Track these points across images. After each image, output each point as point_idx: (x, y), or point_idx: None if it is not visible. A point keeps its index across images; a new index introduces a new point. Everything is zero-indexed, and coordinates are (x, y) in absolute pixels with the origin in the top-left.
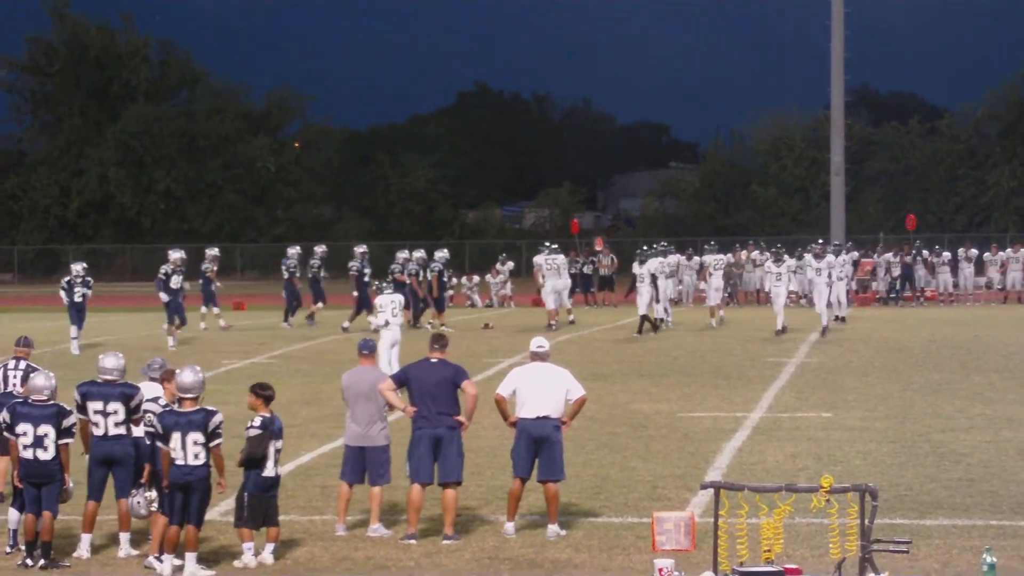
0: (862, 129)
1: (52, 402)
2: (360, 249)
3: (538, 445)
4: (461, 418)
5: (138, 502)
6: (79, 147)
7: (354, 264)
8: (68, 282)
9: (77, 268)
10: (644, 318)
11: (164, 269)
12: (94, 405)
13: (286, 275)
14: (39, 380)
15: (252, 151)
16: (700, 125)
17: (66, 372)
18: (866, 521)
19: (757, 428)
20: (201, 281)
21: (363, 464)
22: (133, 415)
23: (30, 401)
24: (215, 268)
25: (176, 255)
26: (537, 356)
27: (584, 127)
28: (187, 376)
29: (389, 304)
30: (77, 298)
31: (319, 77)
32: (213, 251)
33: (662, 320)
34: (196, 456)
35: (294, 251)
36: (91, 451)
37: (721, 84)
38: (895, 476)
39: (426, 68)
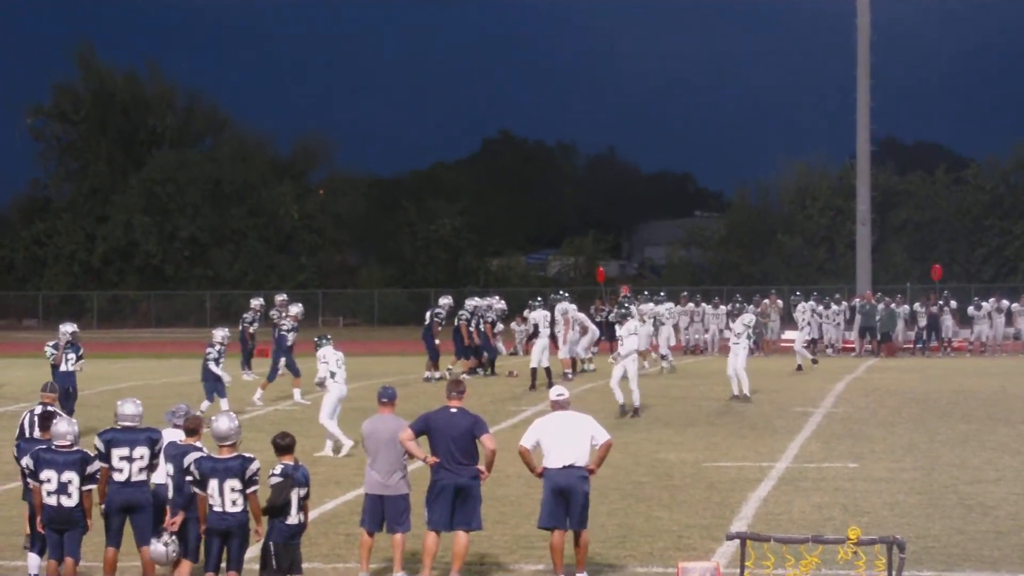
0: (888, 179)
1: (76, 448)
2: (280, 297)
3: (566, 495)
4: (481, 468)
5: (165, 543)
6: (104, 194)
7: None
8: (55, 346)
9: (67, 329)
10: (534, 371)
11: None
12: (120, 451)
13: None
14: (62, 426)
15: (276, 198)
16: (725, 174)
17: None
18: (894, 573)
19: (783, 478)
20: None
21: (382, 512)
22: (154, 460)
23: (53, 447)
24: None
25: (256, 302)
26: (558, 404)
27: (609, 176)
28: (223, 423)
29: (332, 357)
30: (71, 366)
31: (344, 124)
32: (282, 297)
33: (582, 369)
34: (234, 503)
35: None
36: (110, 497)
37: (746, 133)
38: (922, 528)
39: (451, 116)
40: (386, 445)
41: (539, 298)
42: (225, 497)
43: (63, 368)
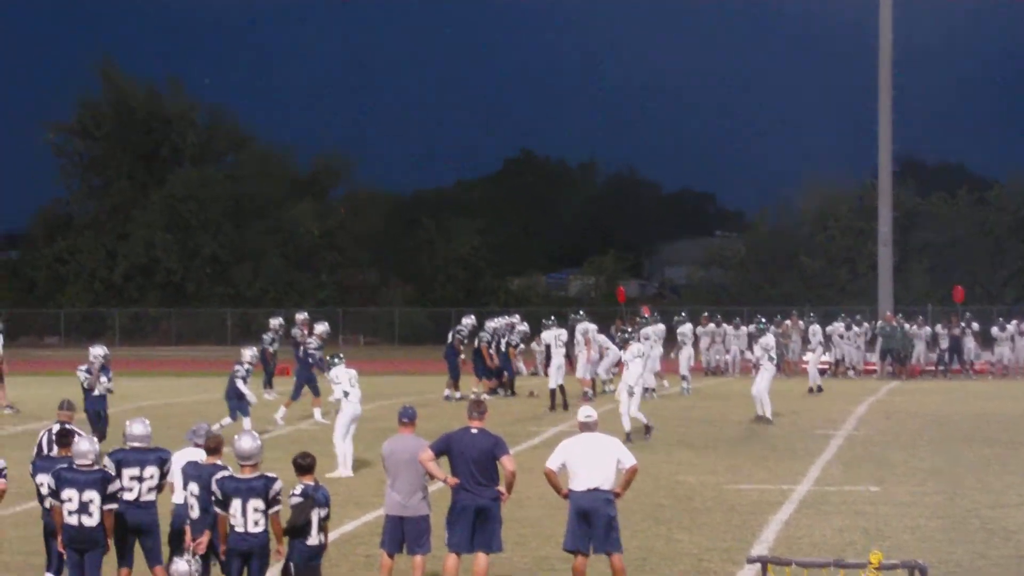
0: (909, 199)
1: (97, 467)
2: (301, 316)
3: (590, 518)
4: (502, 489)
5: (187, 560)
6: (125, 210)
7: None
8: (87, 370)
9: (98, 352)
10: (552, 391)
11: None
12: (130, 471)
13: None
14: (83, 445)
15: (297, 215)
16: (746, 194)
17: None
18: None
19: (804, 501)
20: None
21: (402, 534)
22: (163, 480)
23: (75, 466)
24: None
25: (275, 321)
26: (585, 426)
27: (629, 195)
28: (246, 442)
29: (345, 376)
30: (99, 390)
31: (365, 141)
32: (303, 316)
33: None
34: (256, 523)
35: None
36: (121, 517)
37: (768, 152)
38: (945, 552)
39: (472, 135)
40: (406, 465)
41: (552, 317)
42: (248, 517)
43: (96, 392)
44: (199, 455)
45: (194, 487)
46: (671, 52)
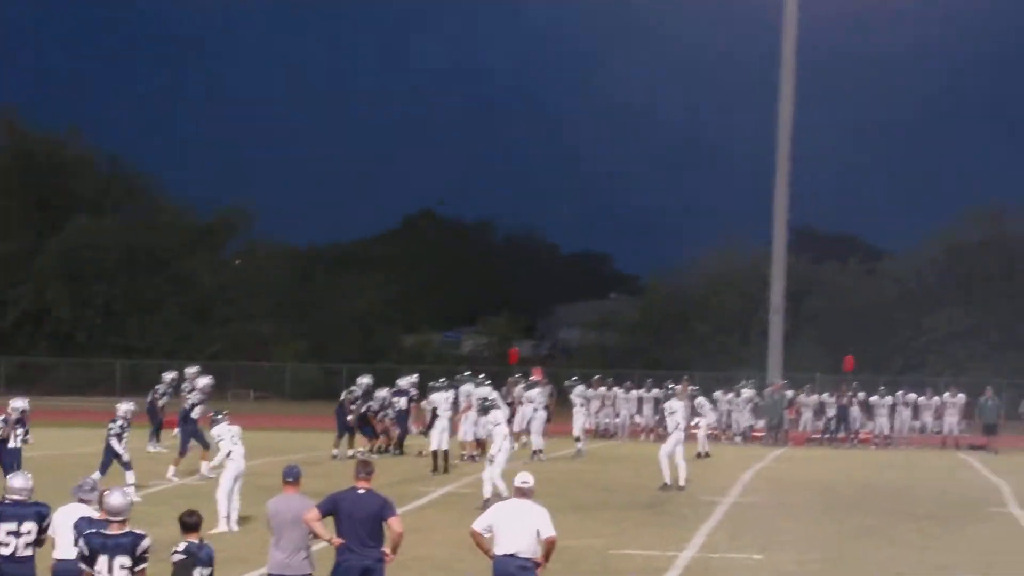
0: (803, 267)
1: None
2: (191, 370)
3: None
4: (386, 550)
5: None
6: (20, 257)
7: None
8: (3, 420)
9: (17, 406)
10: (434, 453)
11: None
12: (7, 526)
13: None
14: None
15: (192, 266)
16: (642, 257)
17: None
18: None
19: (688, 568)
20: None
21: None
22: (42, 535)
23: None
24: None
25: (169, 375)
26: (520, 492)
27: (526, 255)
28: (115, 498)
29: (228, 433)
30: (18, 442)
31: (263, 194)
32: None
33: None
34: None
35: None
36: None
37: (665, 216)
38: None
39: (371, 191)
40: (291, 525)
41: (443, 379)
42: (114, 574)
43: (11, 445)
44: (86, 511)
45: (83, 544)
46: (573, 112)
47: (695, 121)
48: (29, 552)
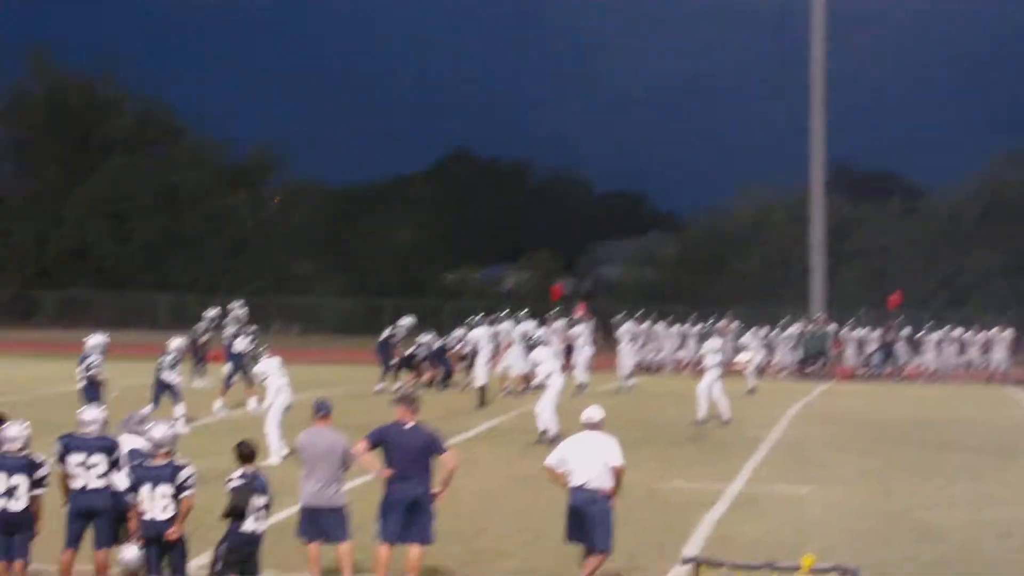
0: (841, 207)
1: (23, 453)
2: (211, 312)
3: (579, 515)
4: (437, 489)
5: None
6: (58, 196)
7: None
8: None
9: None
10: (480, 389)
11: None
12: (76, 458)
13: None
14: (11, 430)
15: (231, 204)
16: (679, 196)
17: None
18: None
19: (736, 501)
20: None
21: (320, 523)
22: (114, 467)
23: (1, 452)
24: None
25: (210, 312)
26: (587, 426)
27: (562, 194)
28: (159, 431)
29: (272, 366)
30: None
31: (301, 134)
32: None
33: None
34: (164, 509)
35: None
36: (71, 503)
37: (701, 155)
38: (875, 555)
39: (408, 130)
40: (322, 458)
41: (481, 314)
42: (156, 503)
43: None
44: (136, 442)
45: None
46: (610, 52)
47: (732, 56)
48: (101, 483)
